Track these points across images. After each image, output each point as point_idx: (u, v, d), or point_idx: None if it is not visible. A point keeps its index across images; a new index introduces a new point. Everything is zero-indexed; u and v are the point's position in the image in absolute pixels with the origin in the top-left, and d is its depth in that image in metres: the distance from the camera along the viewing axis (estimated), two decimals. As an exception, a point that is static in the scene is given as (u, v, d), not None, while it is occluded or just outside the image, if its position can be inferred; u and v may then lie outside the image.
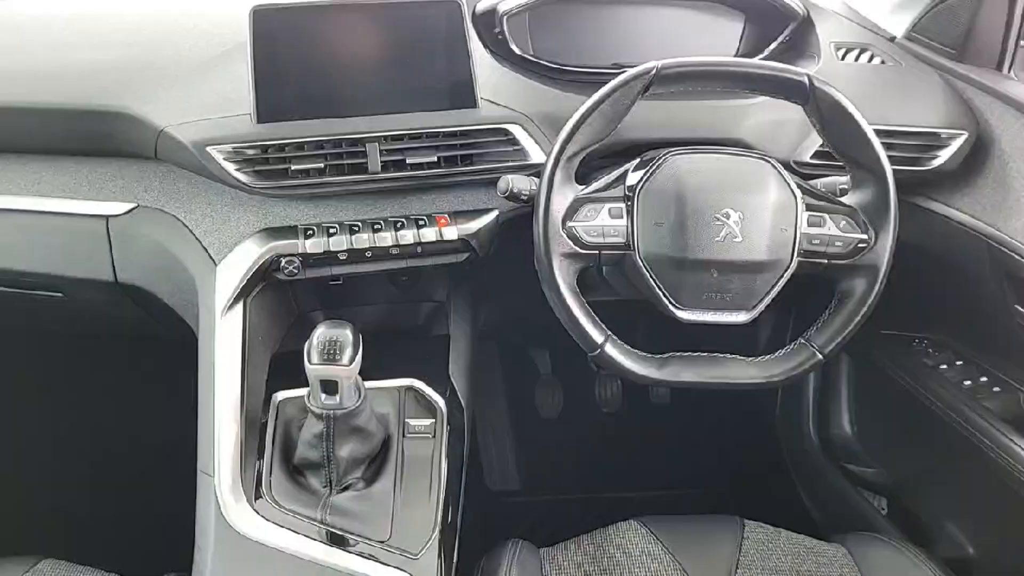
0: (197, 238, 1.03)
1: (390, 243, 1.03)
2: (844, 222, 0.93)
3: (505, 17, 1.10)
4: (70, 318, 1.40)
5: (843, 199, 0.95)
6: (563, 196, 0.90)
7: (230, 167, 0.97)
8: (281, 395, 1.00)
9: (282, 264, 1.01)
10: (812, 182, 0.99)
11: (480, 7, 1.12)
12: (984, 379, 1.20)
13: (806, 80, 0.89)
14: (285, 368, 1.05)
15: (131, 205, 1.07)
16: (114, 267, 1.09)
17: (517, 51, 1.11)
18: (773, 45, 1.20)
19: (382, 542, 0.88)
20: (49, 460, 1.68)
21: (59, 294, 1.18)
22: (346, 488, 0.92)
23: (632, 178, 0.93)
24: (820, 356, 0.93)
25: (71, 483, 1.65)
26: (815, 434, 1.55)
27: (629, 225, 0.91)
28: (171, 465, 1.12)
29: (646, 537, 1.00)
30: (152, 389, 1.65)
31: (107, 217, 1.07)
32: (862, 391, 1.49)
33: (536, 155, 1.04)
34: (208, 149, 0.97)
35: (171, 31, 1.07)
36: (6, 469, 1.64)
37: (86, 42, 1.06)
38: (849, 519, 1.44)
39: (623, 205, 0.91)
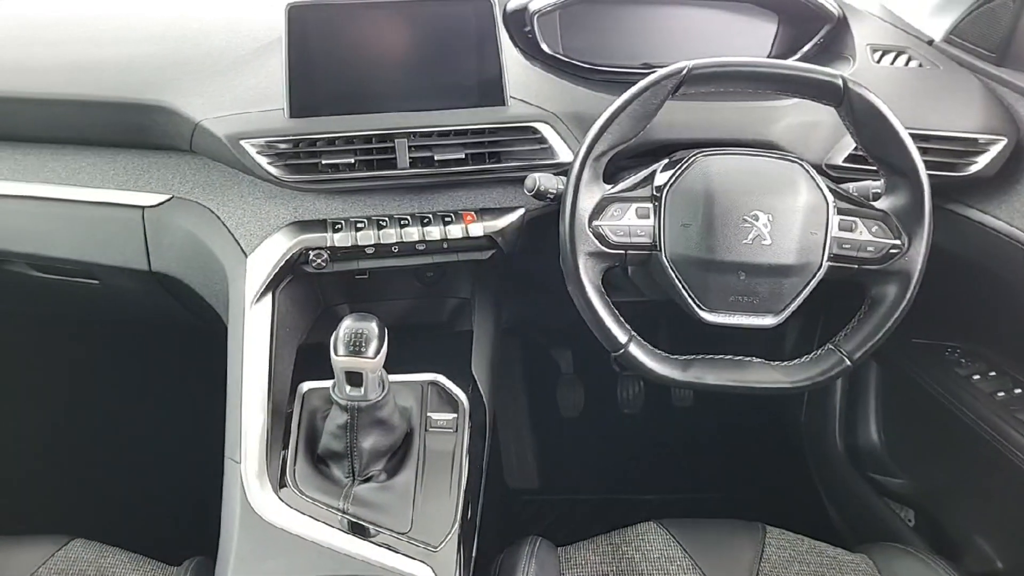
0: (229, 230, 1.05)
1: (416, 238, 1.04)
2: (876, 227, 0.91)
3: (536, 16, 1.10)
4: (104, 305, 1.43)
5: (876, 203, 0.93)
6: (590, 195, 0.90)
7: (262, 160, 0.99)
8: (306, 386, 1.02)
9: (310, 257, 1.02)
10: (844, 186, 0.98)
11: (511, 5, 1.12)
12: (1018, 391, 1.18)
13: (840, 82, 0.88)
14: (311, 359, 1.07)
15: (166, 196, 1.09)
16: (148, 256, 1.12)
17: (547, 49, 1.11)
18: (807, 47, 1.19)
19: (403, 533, 0.89)
20: (80, 442, 1.72)
21: (95, 281, 1.21)
22: (368, 479, 0.93)
23: (660, 178, 0.93)
24: (848, 362, 0.91)
25: (101, 466, 1.69)
26: (841, 442, 1.53)
27: (656, 225, 0.90)
28: (199, 451, 1.15)
29: (665, 539, 0.99)
30: (181, 376, 1.68)
31: (143, 207, 1.09)
32: (890, 400, 1.47)
33: (564, 154, 1.04)
34: (242, 142, 0.98)
35: (208, 27, 1.09)
36: (38, 451, 1.68)
37: (127, 37, 1.09)
38: (874, 530, 1.42)
39: (650, 205, 0.91)
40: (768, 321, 0.91)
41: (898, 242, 0.91)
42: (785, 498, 1.70)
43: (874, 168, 0.95)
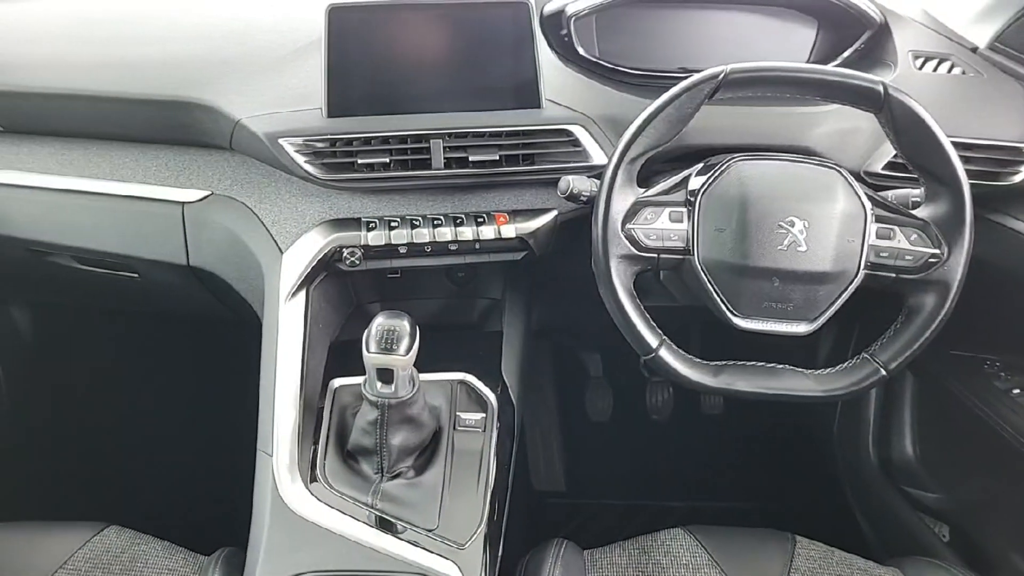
0: (266, 226, 1.07)
1: (449, 238, 1.05)
2: (915, 235, 0.90)
3: (573, 19, 1.10)
4: (143, 298, 1.46)
5: (915, 212, 0.92)
6: (624, 198, 0.90)
7: (300, 159, 1.01)
8: (338, 382, 1.03)
9: (344, 255, 1.04)
10: (883, 193, 0.96)
11: (548, 9, 1.12)
12: (1059, 405, 1.15)
13: (880, 87, 0.87)
14: (342, 356, 1.08)
15: (205, 192, 1.11)
16: (187, 251, 1.14)
17: (583, 53, 1.11)
18: (847, 53, 1.17)
19: (430, 531, 0.90)
20: (116, 431, 1.76)
21: (135, 275, 1.24)
22: (396, 476, 0.94)
23: (695, 183, 0.92)
24: (883, 372, 0.90)
25: (136, 455, 1.73)
26: (874, 454, 1.50)
27: (690, 229, 0.90)
28: (231, 443, 1.16)
29: (693, 546, 0.99)
30: (215, 369, 1.71)
31: (183, 203, 1.12)
32: (926, 412, 1.44)
33: (598, 157, 1.04)
34: (280, 141, 1.00)
35: (250, 28, 1.11)
36: (76, 438, 1.72)
37: (172, 36, 1.11)
38: (907, 544, 1.39)
39: (684, 209, 0.91)
40: (802, 328, 0.90)
41: (937, 251, 0.89)
42: (815, 509, 1.67)
43: (914, 176, 0.93)
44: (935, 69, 1.15)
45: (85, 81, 1.08)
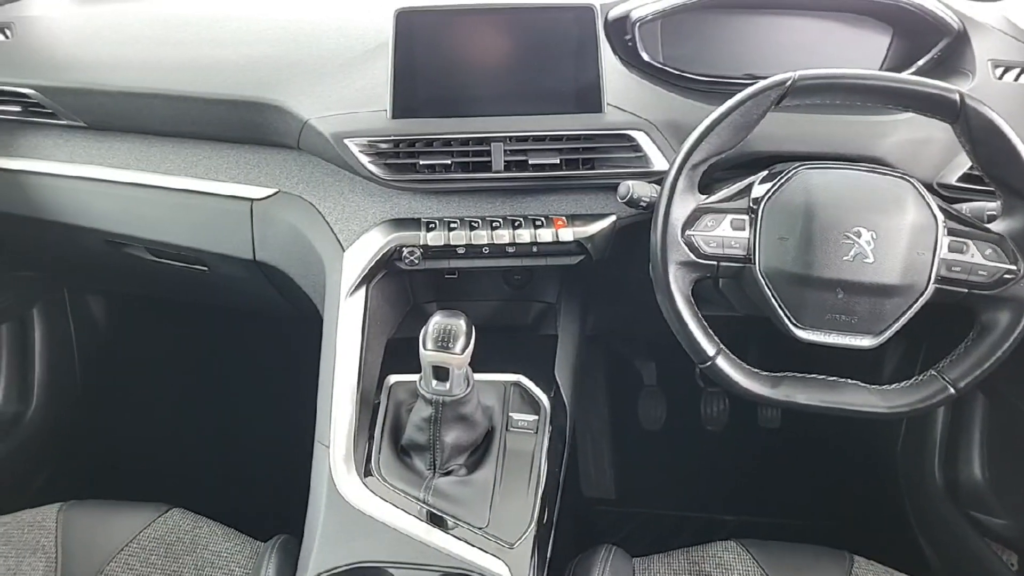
0: (329, 224, 1.10)
1: (507, 241, 1.06)
2: (990, 250, 0.87)
3: (637, 24, 1.10)
4: (211, 291, 1.52)
5: (991, 226, 0.89)
6: (684, 204, 0.89)
7: (364, 159, 1.03)
8: (393, 378, 1.05)
9: (404, 254, 1.06)
10: (957, 206, 0.93)
11: (613, 14, 1.12)
12: None
13: (956, 96, 0.84)
14: (398, 354, 1.10)
15: (273, 190, 1.15)
16: (254, 246, 1.18)
17: (647, 58, 1.11)
18: (922, 61, 1.13)
19: (480, 528, 0.91)
20: (180, 418, 1.82)
21: (205, 268, 1.29)
22: (448, 473, 0.95)
23: (758, 190, 0.91)
24: (952, 390, 0.87)
25: (199, 441, 1.79)
26: (940, 475, 1.45)
27: (751, 237, 0.89)
28: (288, 434, 1.20)
29: (745, 560, 0.97)
30: (276, 362, 1.75)
31: (251, 200, 1.16)
32: (997, 434, 1.38)
33: (659, 163, 1.04)
34: (346, 141, 1.03)
35: (320, 30, 1.14)
36: (143, 423, 1.79)
37: (246, 39, 1.15)
38: (972, 571, 1.34)
39: (746, 217, 0.89)
40: (866, 342, 0.88)
41: (1013, 267, 0.86)
42: (874, 530, 1.62)
43: (990, 189, 0.90)
44: (1016, 79, 1.11)
45: (164, 81, 1.13)
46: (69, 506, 1.05)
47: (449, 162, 1.03)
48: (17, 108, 1.21)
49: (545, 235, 1.06)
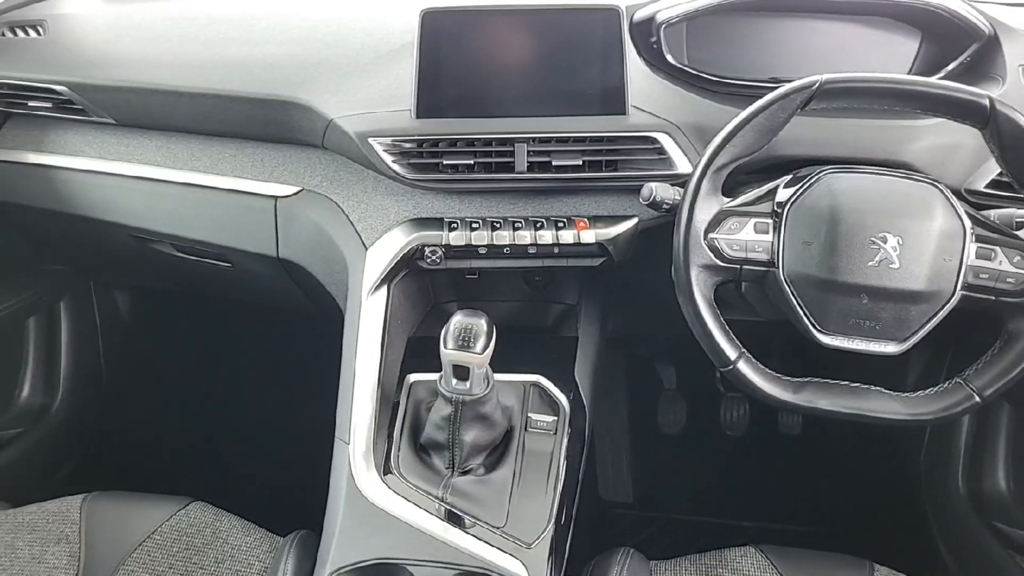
0: (352, 223, 1.10)
1: (528, 241, 1.06)
2: (1019, 257, 0.85)
3: (663, 26, 1.09)
4: (235, 287, 1.54)
5: (1020, 233, 0.87)
6: (707, 207, 0.89)
7: (388, 158, 1.04)
8: (414, 377, 1.05)
9: (426, 253, 1.06)
10: (985, 212, 0.92)
11: (638, 16, 1.12)
12: None
13: (986, 101, 0.83)
14: (418, 353, 1.11)
15: (297, 188, 1.16)
16: (277, 243, 1.19)
17: (671, 60, 1.10)
18: (951, 65, 1.12)
19: (497, 528, 0.91)
20: (203, 412, 1.85)
21: (229, 264, 1.31)
22: (467, 472, 0.95)
23: (783, 194, 0.90)
24: (978, 399, 0.86)
25: (220, 436, 1.81)
26: (964, 485, 1.43)
27: (775, 241, 0.88)
28: (308, 431, 1.21)
29: (764, 566, 0.96)
30: (297, 359, 1.77)
31: (276, 197, 1.17)
32: (1022, 443, 1.36)
33: (682, 165, 1.03)
34: (370, 140, 1.03)
35: (346, 30, 1.14)
36: (167, 417, 1.82)
37: (273, 37, 1.16)
38: (994, 583, 1.32)
39: (770, 221, 0.89)
40: (890, 348, 0.87)
41: (1043, 275, 0.84)
42: (896, 540, 1.60)
43: (1020, 196, 0.88)
44: (1049, 84, 1.09)
45: (191, 79, 1.15)
46: (93, 497, 1.07)
47: (472, 162, 1.03)
48: (48, 104, 1.23)
49: (567, 236, 1.06)
